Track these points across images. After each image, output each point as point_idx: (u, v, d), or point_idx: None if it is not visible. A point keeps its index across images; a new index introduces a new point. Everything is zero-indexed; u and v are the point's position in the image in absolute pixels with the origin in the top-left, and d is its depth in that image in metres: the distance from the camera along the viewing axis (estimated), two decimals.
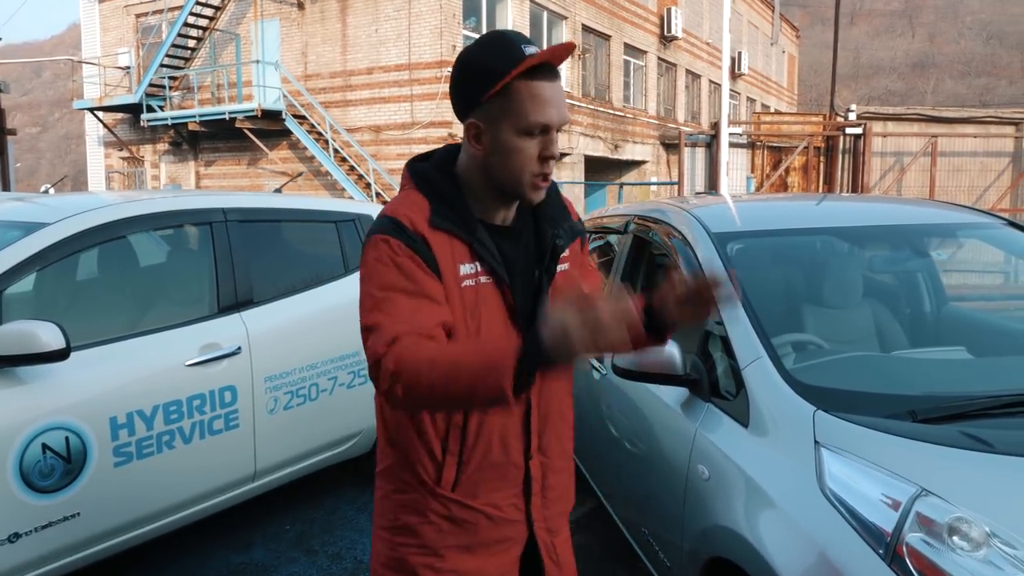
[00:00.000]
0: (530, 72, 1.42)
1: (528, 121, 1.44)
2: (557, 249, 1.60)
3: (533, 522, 1.65)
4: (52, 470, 2.70)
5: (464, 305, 1.49)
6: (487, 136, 1.47)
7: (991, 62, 77.80)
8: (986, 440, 1.82)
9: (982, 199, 12.14)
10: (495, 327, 1.52)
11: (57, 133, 72.27)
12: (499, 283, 1.52)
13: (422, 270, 1.44)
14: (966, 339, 3.00)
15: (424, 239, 1.46)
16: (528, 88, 1.43)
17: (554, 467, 1.68)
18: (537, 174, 1.48)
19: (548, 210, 1.62)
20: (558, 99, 1.45)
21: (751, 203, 3.97)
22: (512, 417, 1.58)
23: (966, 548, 1.56)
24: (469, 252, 1.50)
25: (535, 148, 1.46)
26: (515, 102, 1.43)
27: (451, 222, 1.49)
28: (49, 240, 2.88)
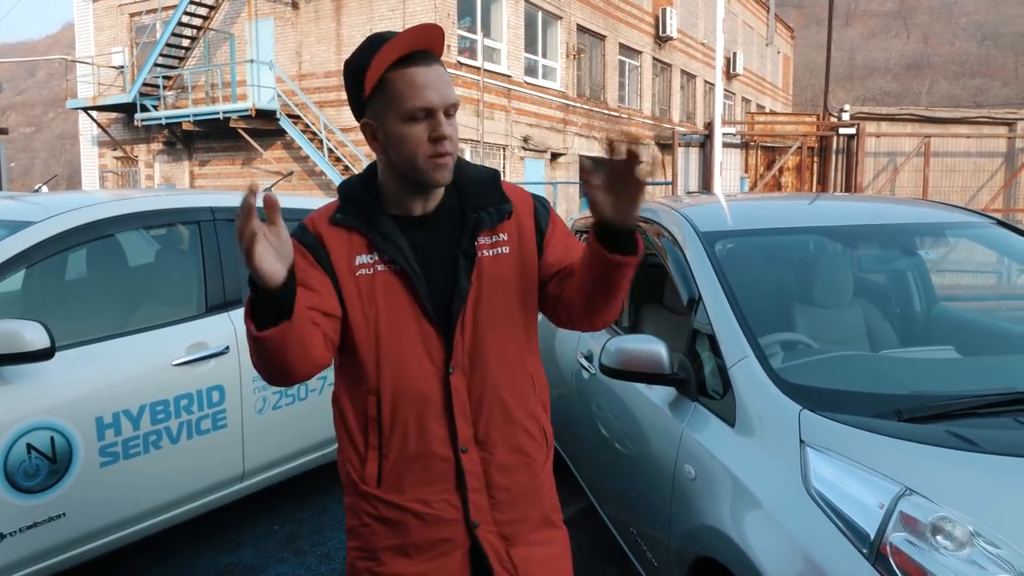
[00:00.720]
0: (402, 61, 1.45)
1: (407, 107, 1.45)
2: (475, 228, 1.57)
3: (477, 524, 1.57)
4: (37, 470, 2.68)
5: (360, 294, 1.53)
6: (380, 132, 1.51)
7: (985, 63, 78.03)
8: (972, 439, 1.82)
9: (975, 199, 12.16)
10: (399, 313, 1.53)
11: (51, 133, 72.07)
12: (399, 271, 1.53)
13: (310, 264, 1.51)
14: (955, 339, 3.00)
15: (319, 236, 1.54)
16: (402, 76, 1.45)
17: (500, 463, 1.59)
18: (431, 155, 1.47)
19: (473, 195, 1.60)
20: (436, 81, 1.46)
21: (742, 202, 3.96)
22: (428, 403, 1.54)
23: (950, 547, 1.56)
24: (366, 244, 1.54)
25: (424, 132, 1.47)
26: (392, 92, 1.46)
27: (353, 218, 1.55)
28: (34, 239, 2.86)
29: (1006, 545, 1.55)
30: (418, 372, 1.53)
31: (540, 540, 1.65)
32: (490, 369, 1.58)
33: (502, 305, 1.59)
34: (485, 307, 1.57)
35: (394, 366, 1.53)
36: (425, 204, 1.58)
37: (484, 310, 1.57)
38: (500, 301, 1.59)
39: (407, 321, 1.53)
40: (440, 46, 1.50)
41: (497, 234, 1.60)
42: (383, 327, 1.53)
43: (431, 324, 1.54)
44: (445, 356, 1.54)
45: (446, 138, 1.47)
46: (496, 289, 1.58)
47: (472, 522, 1.57)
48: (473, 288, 1.56)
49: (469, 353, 1.56)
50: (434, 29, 1.47)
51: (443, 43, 1.50)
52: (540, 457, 1.67)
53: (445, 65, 1.52)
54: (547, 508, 1.70)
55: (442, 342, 1.54)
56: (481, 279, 1.57)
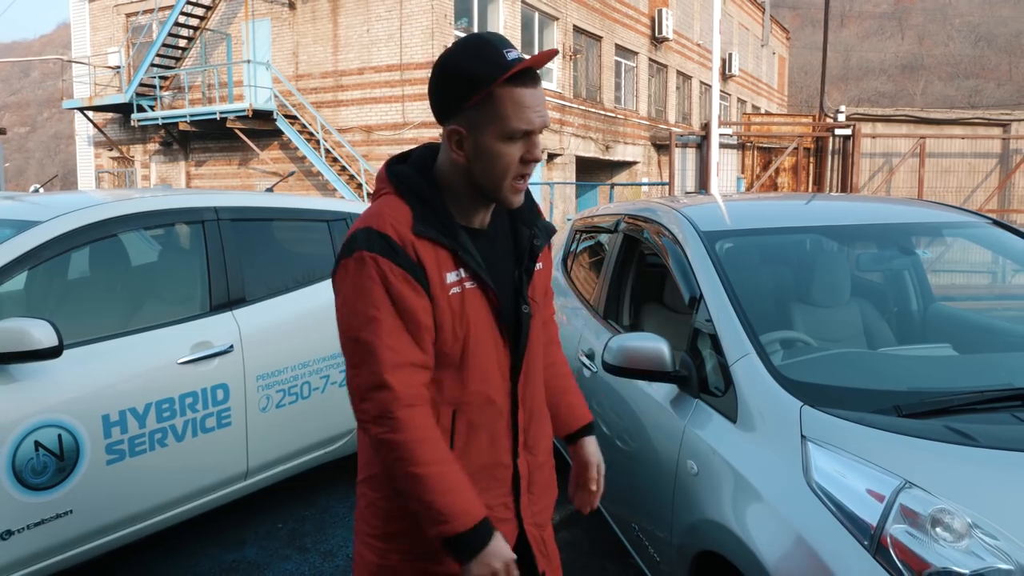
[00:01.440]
0: (513, 78, 1.43)
1: (511, 127, 1.45)
2: (535, 249, 1.64)
3: (523, 520, 1.66)
4: (45, 467, 2.71)
5: (452, 312, 1.51)
6: (469, 142, 1.48)
7: (980, 64, 78.30)
8: (969, 434, 1.86)
9: (970, 200, 12.23)
10: (481, 330, 1.56)
11: (46, 133, 71.86)
12: (484, 287, 1.55)
13: (415, 291, 1.46)
14: (952, 336, 3.04)
15: (414, 251, 1.47)
16: (511, 95, 1.44)
17: (539, 464, 1.71)
18: (517, 175, 1.50)
19: (523, 211, 1.64)
20: (539, 103, 1.47)
21: (740, 202, 4.00)
22: (501, 419, 1.61)
23: (949, 539, 1.60)
24: (452, 259, 1.51)
25: (517, 152, 1.48)
26: (498, 109, 1.44)
27: (435, 229, 1.50)
28: (41, 238, 2.88)
29: (1004, 536, 1.58)
30: (492, 386, 1.59)
31: (548, 525, 1.79)
32: (535, 378, 1.68)
33: (540, 318, 1.70)
34: (536, 322, 1.67)
35: (477, 380, 1.56)
36: (483, 218, 1.61)
37: (535, 325, 1.66)
38: (539, 314, 1.70)
39: (489, 338, 1.57)
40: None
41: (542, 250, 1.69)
42: (470, 343, 1.54)
43: (505, 341, 1.60)
44: (513, 370, 1.62)
45: (537, 160, 1.51)
46: (539, 303, 1.70)
47: (521, 518, 1.66)
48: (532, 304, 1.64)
49: (525, 365, 1.64)
50: (553, 54, 1.48)
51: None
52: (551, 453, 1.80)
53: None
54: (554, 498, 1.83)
55: (510, 356, 1.61)
56: (534, 295, 1.66)
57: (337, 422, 3.90)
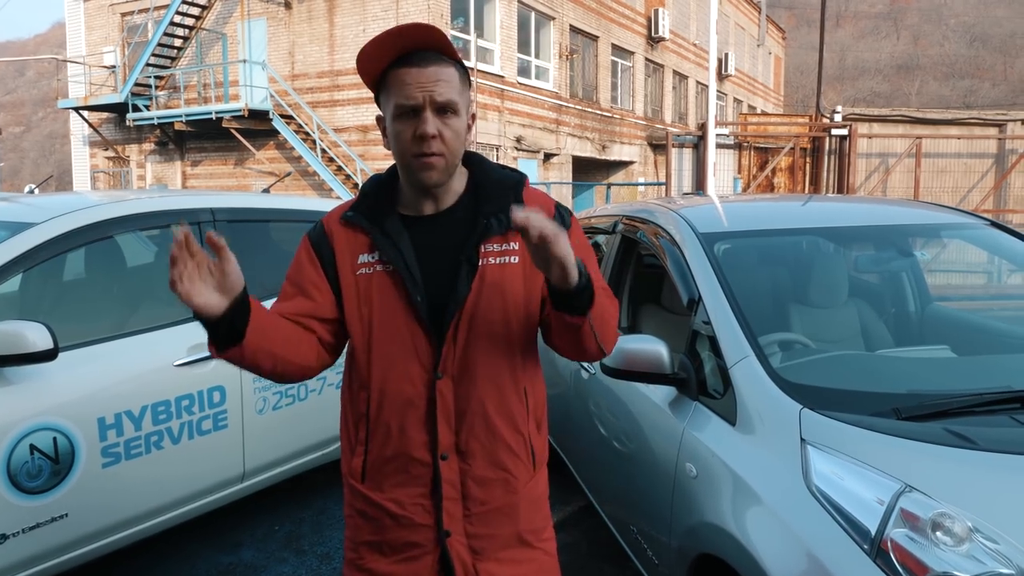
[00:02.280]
0: (399, 61, 1.48)
1: (393, 104, 1.48)
2: (482, 235, 1.54)
3: (448, 533, 1.56)
4: (40, 471, 2.69)
5: (359, 293, 1.56)
6: (387, 130, 1.54)
7: (975, 64, 78.50)
8: (969, 437, 1.85)
9: (966, 200, 12.25)
10: (392, 315, 1.54)
11: (41, 132, 71.67)
12: (394, 272, 1.54)
13: (312, 266, 1.59)
14: (950, 338, 3.04)
15: (329, 234, 1.60)
16: (395, 75, 1.48)
17: (477, 476, 1.57)
18: (415, 154, 1.48)
19: (489, 199, 1.58)
20: (426, 80, 1.46)
21: (738, 203, 4.00)
22: (413, 411, 1.54)
23: (949, 543, 1.59)
24: (368, 242, 1.57)
25: (409, 130, 1.48)
26: (389, 89, 1.50)
27: (362, 216, 1.58)
28: (37, 240, 2.87)
29: (1004, 540, 1.58)
30: (405, 374, 1.54)
31: (510, 559, 1.61)
32: (478, 380, 1.55)
33: (500, 316, 1.55)
34: (482, 316, 1.54)
35: (383, 366, 1.55)
36: (436, 204, 1.58)
37: (481, 319, 1.54)
38: (499, 311, 1.55)
39: (399, 323, 1.53)
40: (441, 45, 1.49)
41: (508, 242, 1.56)
42: (376, 329, 1.54)
43: (422, 328, 1.53)
44: (434, 361, 1.54)
45: (428, 136, 1.46)
46: (497, 299, 1.54)
47: (444, 530, 1.56)
48: (472, 295, 1.53)
49: (459, 361, 1.54)
50: (422, 29, 1.46)
51: (444, 42, 1.48)
52: (522, 475, 1.62)
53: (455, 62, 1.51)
54: (522, 527, 1.63)
55: (433, 347, 1.53)
56: (482, 287, 1.53)
57: (334, 424, 3.86)
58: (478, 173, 1.63)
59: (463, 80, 1.53)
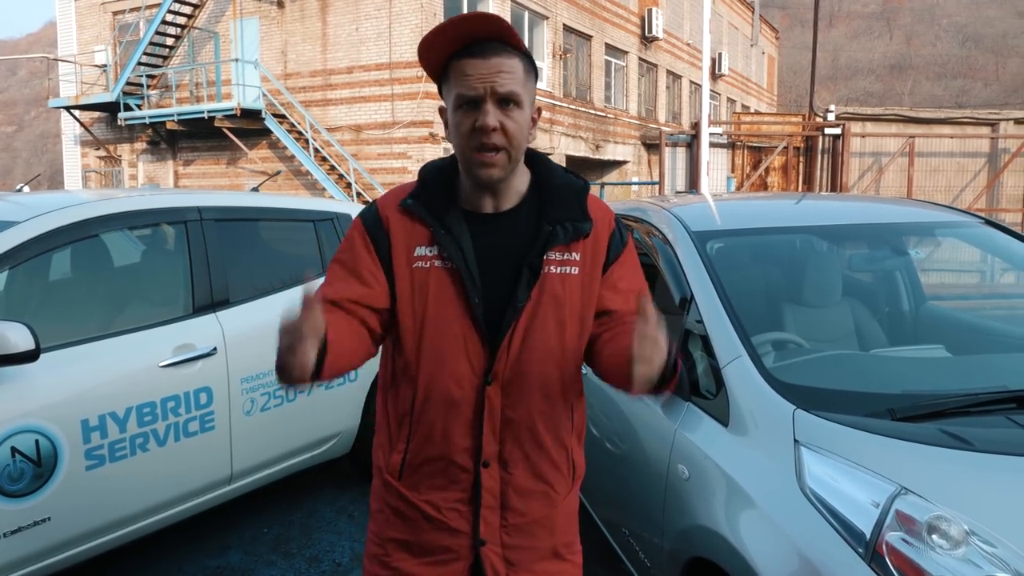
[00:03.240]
0: (462, 52, 1.44)
1: (454, 95, 1.45)
2: (547, 242, 1.50)
3: (484, 542, 1.53)
4: (22, 474, 2.64)
5: (413, 286, 1.50)
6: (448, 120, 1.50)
7: (967, 64, 78.77)
8: (965, 438, 1.82)
9: (959, 199, 12.25)
10: (445, 313, 1.49)
11: (33, 132, 71.31)
12: (454, 270, 1.49)
13: (368, 252, 1.52)
14: (945, 337, 3.02)
15: (385, 220, 1.53)
16: (456, 65, 1.45)
17: (519, 486, 1.55)
18: (474, 148, 1.44)
19: (554, 205, 1.54)
20: (486, 72, 1.42)
21: (731, 202, 3.97)
22: (459, 414, 1.50)
23: (945, 546, 1.56)
24: (428, 235, 1.50)
25: (469, 121, 1.44)
26: (451, 80, 1.46)
27: (422, 205, 1.52)
28: (19, 239, 2.82)
29: (1002, 544, 1.55)
30: (453, 377, 1.49)
31: (543, 571, 1.60)
32: (529, 389, 1.52)
33: (556, 327, 1.52)
34: (539, 325, 1.50)
35: (432, 364, 1.50)
36: (496, 202, 1.53)
37: (537, 328, 1.50)
38: (556, 321, 1.52)
39: (452, 322, 1.49)
40: (506, 35, 1.45)
41: (570, 251, 1.53)
42: (428, 325, 1.49)
43: (477, 330, 1.49)
44: (486, 365, 1.50)
45: (488, 128, 1.41)
46: (555, 309, 1.51)
47: (480, 539, 1.53)
48: (531, 303, 1.49)
49: (511, 368, 1.50)
50: (485, 18, 1.43)
51: (509, 32, 1.45)
52: (562, 489, 1.61)
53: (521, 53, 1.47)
54: (558, 541, 1.62)
55: (486, 351, 1.49)
56: (542, 295, 1.50)
57: (322, 425, 3.85)
58: (542, 173, 1.58)
59: (528, 72, 1.48)
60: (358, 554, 3.51)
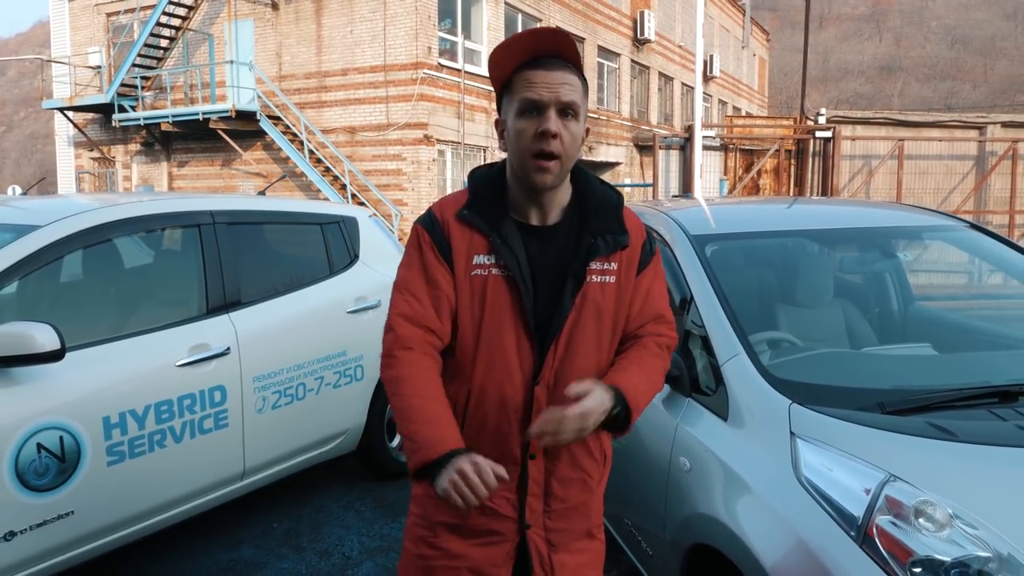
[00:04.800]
0: (528, 64, 1.55)
1: (518, 99, 1.55)
2: (590, 253, 1.63)
3: (529, 526, 1.67)
4: (47, 469, 2.74)
5: (472, 292, 1.62)
6: (506, 130, 1.61)
7: (956, 66, 79.31)
8: (950, 430, 1.95)
9: (947, 201, 12.44)
10: (501, 318, 1.61)
11: (23, 132, 70.94)
12: (510, 278, 1.60)
13: (437, 259, 1.62)
14: (932, 336, 3.15)
15: (446, 229, 1.63)
16: (523, 75, 1.56)
17: (561, 476, 1.69)
18: (534, 153, 1.54)
19: (595, 217, 1.66)
20: (552, 81, 1.53)
21: (726, 206, 4.09)
22: (511, 415, 1.63)
23: (931, 529, 1.68)
24: (487, 244, 1.62)
25: (532, 127, 1.54)
26: (514, 89, 1.57)
27: (478, 216, 1.62)
28: (42, 242, 2.92)
29: (982, 526, 1.67)
30: (507, 377, 1.62)
31: (578, 549, 1.75)
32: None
33: (595, 331, 1.66)
34: (581, 330, 1.64)
35: (486, 367, 1.62)
36: (543, 214, 1.65)
37: (579, 333, 1.64)
38: (595, 327, 1.66)
39: (507, 328, 1.61)
40: (569, 53, 1.56)
41: (610, 261, 1.66)
42: (485, 328, 1.61)
43: (528, 336, 1.62)
44: (535, 368, 1.63)
45: (551, 134, 1.52)
46: (594, 316, 1.65)
47: (525, 523, 1.67)
48: (574, 311, 1.63)
49: (557, 369, 1.63)
50: (555, 34, 1.55)
51: (573, 51, 1.56)
52: (596, 475, 1.77)
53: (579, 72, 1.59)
54: (592, 523, 1.79)
55: (534, 355, 1.63)
56: (584, 303, 1.63)
57: (331, 423, 3.95)
58: (583, 187, 1.70)
59: (584, 90, 1.60)
60: (367, 548, 3.62)
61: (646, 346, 1.73)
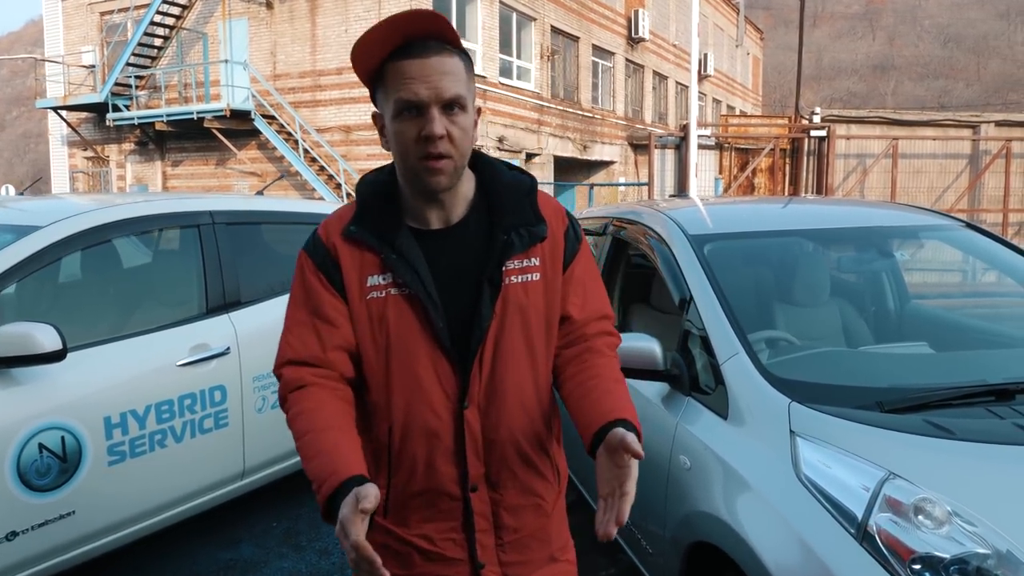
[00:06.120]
0: (399, 52, 1.34)
1: (395, 101, 1.34)
2: (504, 252, 1.42)
3: (483, 565, 1.48)
4: (48, 469, 2.75)
5: (371, 319, 1.42)
6: (385, 130, 1.41)
7: (949, 65, 79.62)
8: (947, 428, 1.97)
9: (941, 200, 12.50)
10: (409, 341, 1.41)
11: (15, 132, 70.62)
12: (412, 296, 1.40)
13: (325, 288, 1.43)
14: (928, 335, 3.18)
15: (333, 251, 1.43)
16: (394, 67, 1.34)
17: (510, 504, 1.50)
18: (420, 157, 1.34)
19: (505, 210, 1.45)
20: (430, 73, 1.32)
21: (723, 206, 4.11)
22: (439, 443, 1.43)
23: (930, 526, 1.70)
24: (379, 262, 1.41)
25: (413, 130, 1.34)
26: (387, 84, 1.36)
27: (366, 230, 1.42)
28: (43, 243, 2.92)
29: (981, 523, 1.69)
30: (429, 406, 1.42)
31: None
32: (507, 406, 1.45)
33: (525, 337, 1.46)
34: (507, 339, 1.44)
35: (404, 399, 1.42)
36: (445, 215, 1.44)
37: (506, 342, 1.44)
38: (523, 333, 1.46)
39: (419, 351, 1.41)
40: (444, 33, 1.35)
41: (529, 257, 1.45)
42: (393, 357, 1.41)
43: (445, 356, 1.42)
44: (460, 390, 1.43)
45: (436, 137, 1.32)
46: (521, 320, 1.45)
47: (478, 563, 1.48)
48: (496, 319, 1.42)
49: (486, 388, 1.44)
50: (423, 15, 1.32)
51: (447, 29, 1.35)
52: (551, 498, 1.57)
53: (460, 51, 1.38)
54: (554, 548, 1.58)
55: (457, 375, 1.42)
56: (506, 308, 1.43)
57: None
58: (487, 175, 1.49)
59: (468, 71, 1.39)
60: None
61: (604, 353, 1.53)
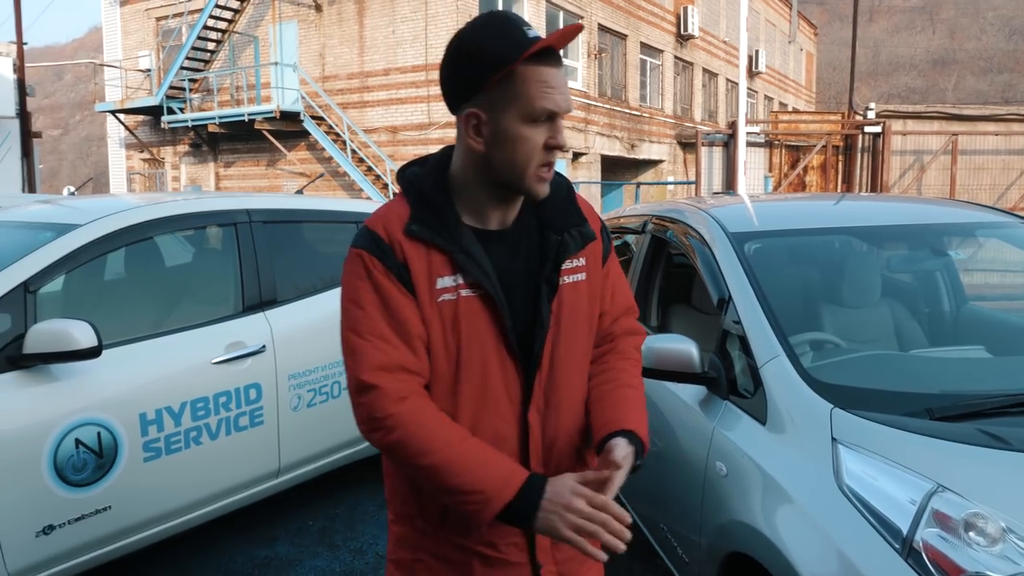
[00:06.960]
0: (536, 57, 1.32)
1: (535, 107, 1.33)
2: (560, 254, 1.44)
3: (541, 566, 1.47)
4: (85, 464, 2.78)
5: (442, 322, 1.37)
6: (488, 127, 1.36)
7: (1013, 58, 76.83)
8: (1003, 438, 1.84)
9: (1003, 198, 12.04)
10: (481, 345, 1.39)
11: (79, 135, 73.12)
12: (484, 297, 1.38)
13: (399, 291, 1.35)
14: (985, 338, 3.01)
15: (400, 251, 1.36)
16: (535, 73, 1.32)
17: None
18: (542, 164, 1.37)
19: (554, 212, 1.47)
20: (563, 85, 1.35)
21: (768, 203, 3.98)
22: (504, 444, 1.41)
23: (982, 543, 1.59)
24: (448, 263, 1.37)
25: (541, 136, 1.35)
26: (521, 88, 1.32)
27: (431, 229, 1.37)
28: (81, 241, 2.96)
29: None
30: (497, 411, 1.41)
31: (587, 570, 1.57)
32: (564, 408, 1.47)
33: (573, 337, 1.48)
34: (563, 340, 1.45)
35: (474, 405, 1.40)
36: (504, 218, 1.44)
37: (562, 344, 1.45)
38: (574, 333, 1.48)
39: (489, 355, 1.39)
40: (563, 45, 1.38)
41: (579, 258, 1.48)
42: (464, 360, 1.39)
43: (513, 359, 1.41)
44: (523, 394, 1.43)
45: (561, 147, 1.37)
46: (573, 320, 1.47)
47: (537, 564, 1.47)
48: (553, 320, 1.43)
49: (545, 390, 1.45)
50: (578, 29, 1.38)
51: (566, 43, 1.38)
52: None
53: None
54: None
55: (520, 378, 1.42)
56: (561, 309, 1.44)
57: None
58: None
59: None
60: None
61: (625, 355, 1.56)
